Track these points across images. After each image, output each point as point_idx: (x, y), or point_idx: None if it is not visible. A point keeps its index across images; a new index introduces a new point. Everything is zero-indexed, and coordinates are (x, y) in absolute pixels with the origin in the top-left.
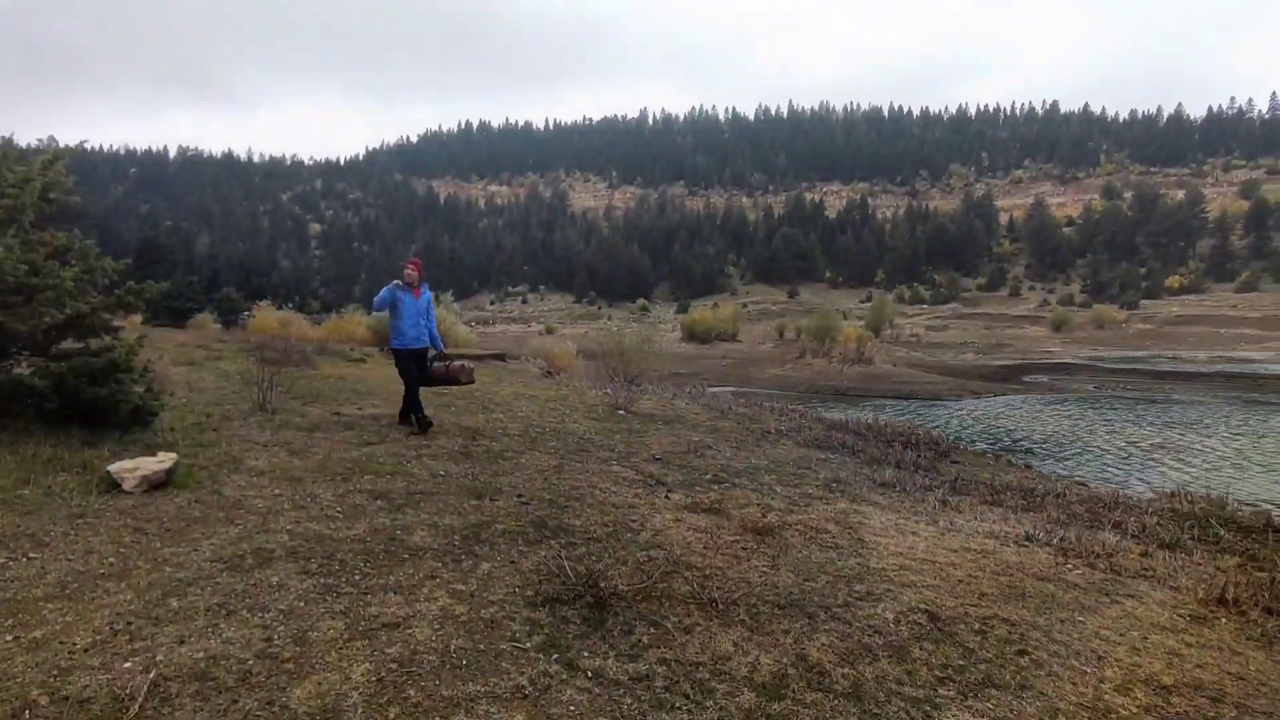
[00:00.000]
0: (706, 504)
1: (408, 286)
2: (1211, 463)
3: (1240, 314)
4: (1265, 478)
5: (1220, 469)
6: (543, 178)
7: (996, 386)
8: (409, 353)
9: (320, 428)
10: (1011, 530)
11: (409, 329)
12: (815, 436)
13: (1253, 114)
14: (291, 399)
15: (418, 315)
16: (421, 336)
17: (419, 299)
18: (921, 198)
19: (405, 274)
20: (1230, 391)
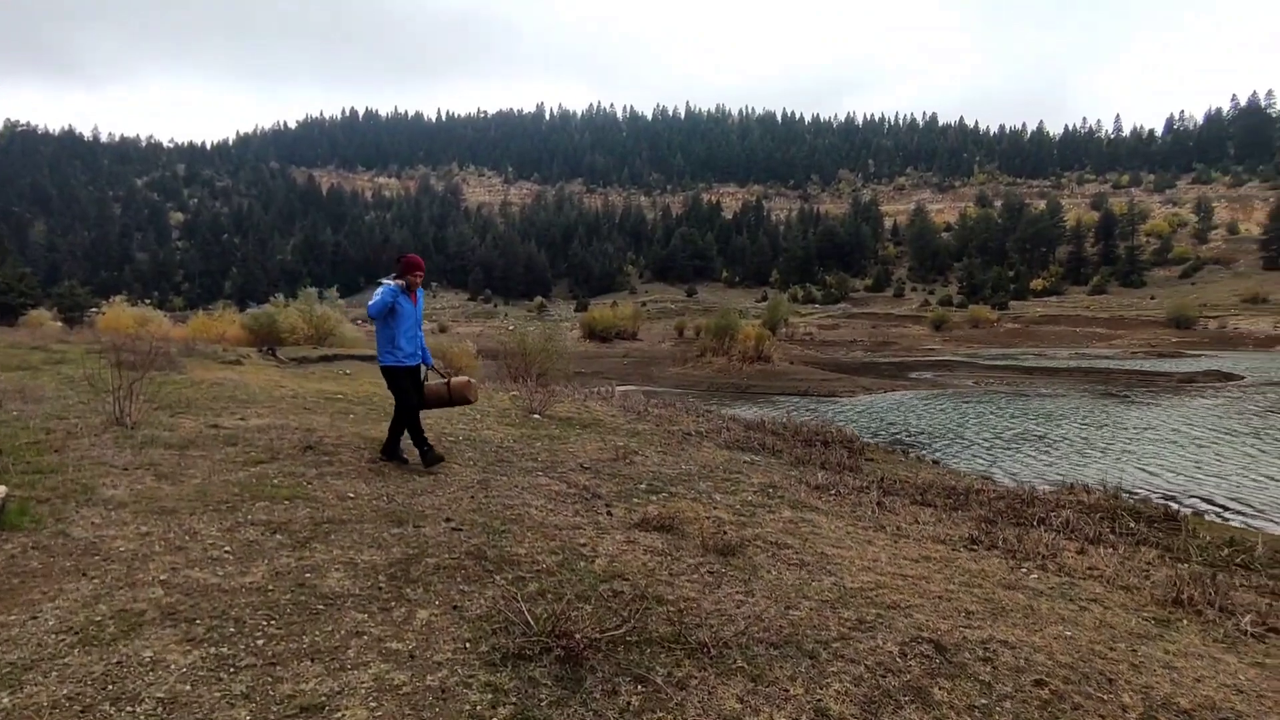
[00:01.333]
0: (656, 520)
1: (408, 290)
2: (1064, 452)
3: (1093, 314)
4: (1106, 461)
5: (1079, 455)
6: (434, 171)
7: (886, 383)
8: (405, 371)
9: (196, 444)
10: (954, 533)
11: (405, 342)
12: (736, 438)
13: (1101, 133)
14: (157, 409)
15: (415, 325)
16: (419, 351)
17: (417, 305)
18: (813, 201)
19: (410, 279)
20: (1085, 385)
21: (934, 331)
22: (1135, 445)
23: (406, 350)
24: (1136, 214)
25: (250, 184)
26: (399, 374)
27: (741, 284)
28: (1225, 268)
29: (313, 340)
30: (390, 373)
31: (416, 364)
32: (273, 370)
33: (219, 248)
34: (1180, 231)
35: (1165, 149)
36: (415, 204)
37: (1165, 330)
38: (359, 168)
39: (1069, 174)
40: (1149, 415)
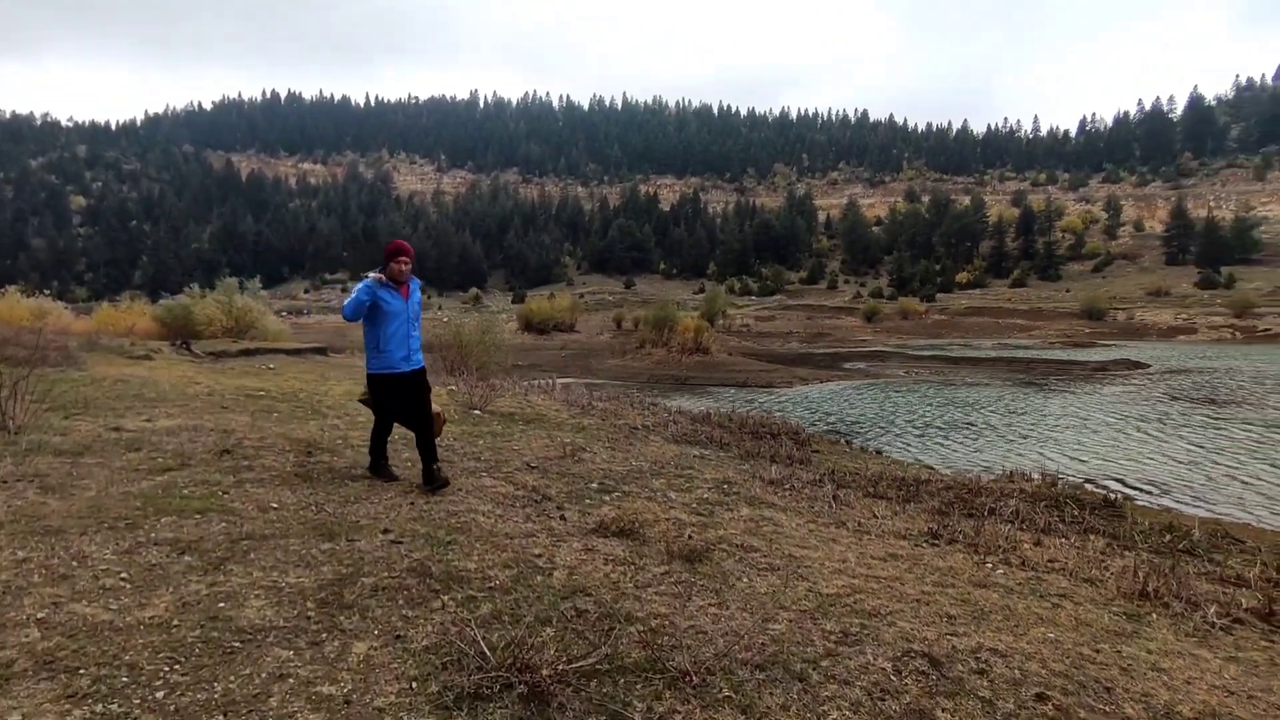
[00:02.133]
0: (614, 524)
1: (393, 284)
2: (993, 439)
3: (1013, 306)
4: (1033, 447)
5: (1006, 443)
6: (363, 157)
7: (822, 373)
8: (395, 379)
9: (92, 450)
10: (912, 527)
11: (394, 346)
12: (683, 432)
13: (1021, 133)
14: (48, 410)
15: (407, 325)
16: (413, 356)
17: (409, 301)
18: (749, 194)
19: (391, 267)
20: (1008, 374)
21: (866, 323)
22: (1058, 432)
23: (395, 355)
24: (1053, 211)
25: (161, 167)
26: (382, 383)
27: (679, 276)
28: (1132, 263)
29: (232, 334)
30: (373, 382)
31: (411, 371)
32: (187, 366)
33: (127, 235)
34: (1092, 228)
35: (1079, 149)
36: (343, 192)
37: (1079, 321)
38: (281, 153)
39: (991, 171)
40: (1067, 403)
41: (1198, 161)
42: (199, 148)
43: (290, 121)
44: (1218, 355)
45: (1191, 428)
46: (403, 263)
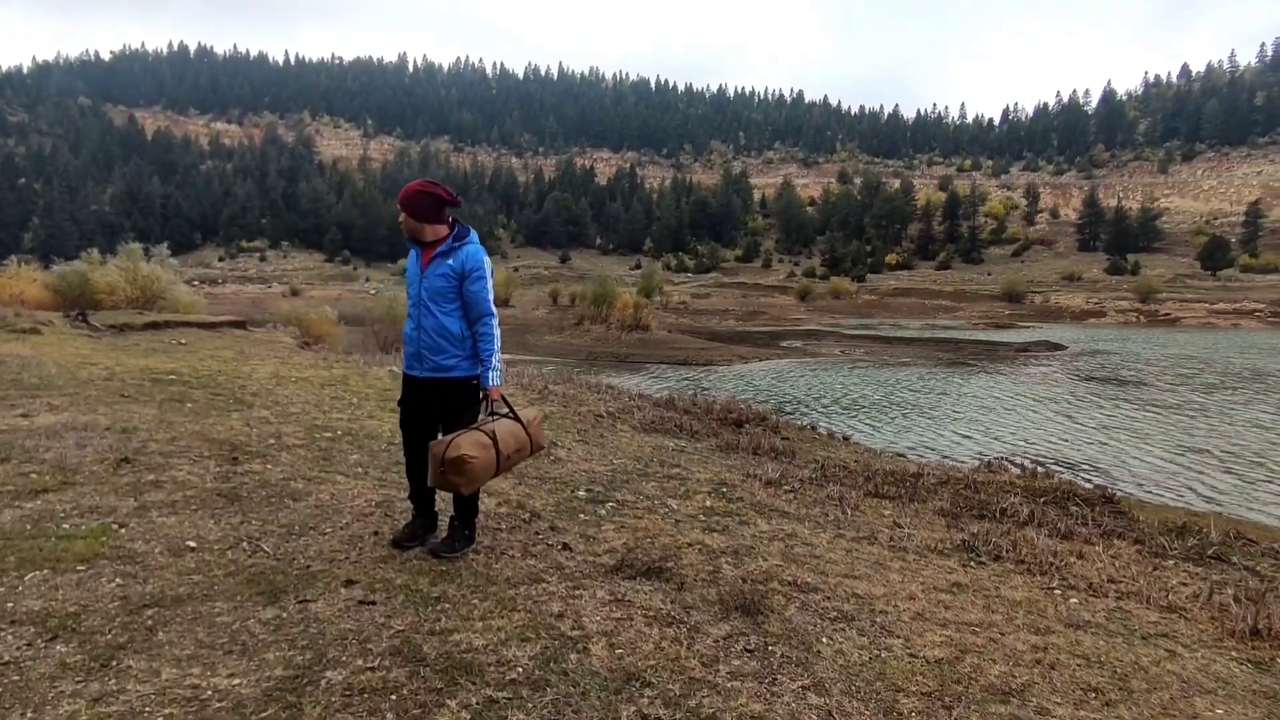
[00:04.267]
0: (634, 558)
1: (415, 243)
2: (941, 420)
3: (939, 288)
4: (982, 429)
5: (955, 424)
6: (283, 119)
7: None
8: (406, 385)
9: None
10: (940, 537)
11: (406, 325)
12: (651, 419)
13: (948, 119)
14: None
15: (418, 305)
16: (423, 355)
17: (428, 268)
18: (686, 171)
19: (400, 220)
20: (939, 354)
21: (799, 302)
22: (995, 413)
23: (406, 348)
24: (977, 196)
25: (54, 121)
26: (405, 386)
27: (615, 251)
28: (1048, 248)
29: (138, 305)
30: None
31: (419, 377)
32: (82, 341)
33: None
34: (1013, 214)
35: (1002, 137)
36: (261, 155)
37: (1000, 304)
38: (191, 111)
39: (920, 156)
40: (997, 383)
41: (1109, 153)
42: (97, 101)
43: (201, 78)
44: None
45: (1112, 406)
46: (410, 218)
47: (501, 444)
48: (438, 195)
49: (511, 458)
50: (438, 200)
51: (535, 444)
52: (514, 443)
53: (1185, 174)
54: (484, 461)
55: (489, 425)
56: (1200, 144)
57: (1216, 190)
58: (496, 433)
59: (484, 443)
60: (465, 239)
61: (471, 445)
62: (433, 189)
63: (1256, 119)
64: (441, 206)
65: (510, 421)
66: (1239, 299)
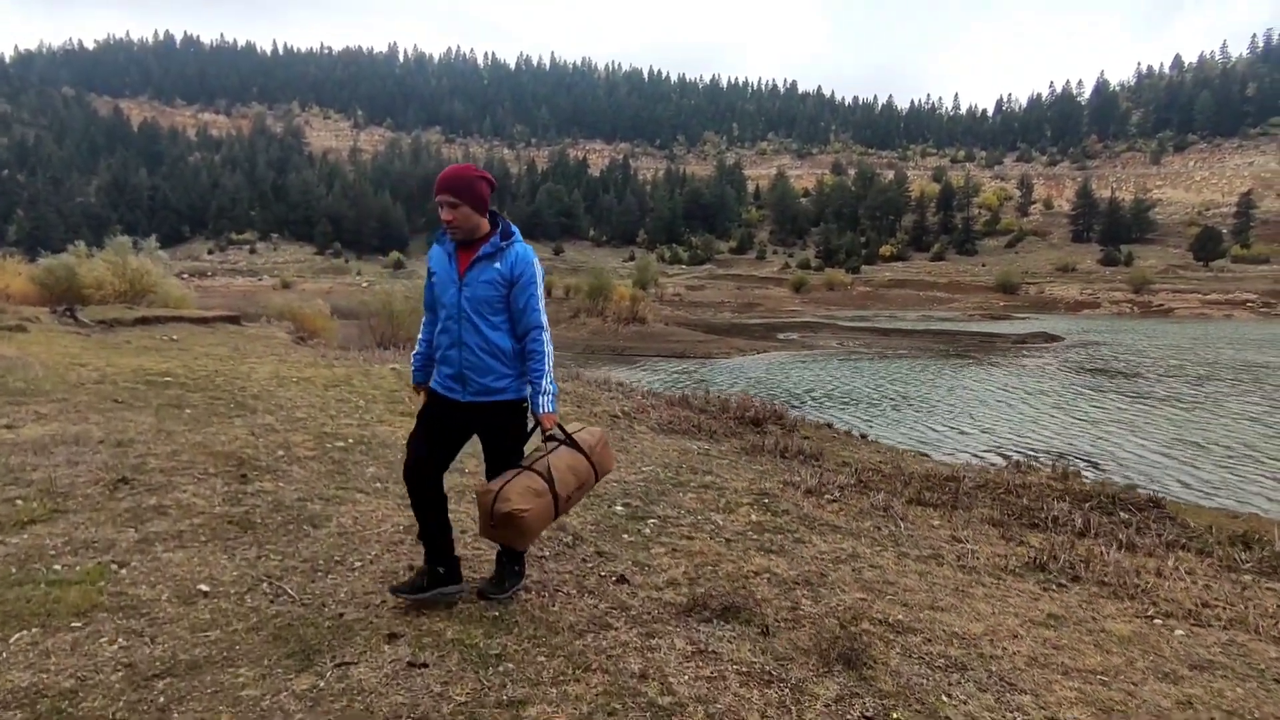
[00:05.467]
0: (710, 601)
1: (447, 239)
2: (950, 415)
3: (934, 279)
4: (989, 423)
5: (963, 418)
6: (271, 110)
7: (758, 344)
8: (441, 406)
9: None
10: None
11: (441, 348)
12: (667, 419)
13: (942, 110)
14: None
15: (457, 318)
16: (468, 377)
17: (470, 272)
18: (679, 162)
19: (448, 214)
20: (937, 346)
21: (794, 293)
22: (1002, 406)
23: (441, 366)
24: (971, 188)
25: (37, 111)
26: (426, 400)
27: (609, 243)
28: (1042, 239)
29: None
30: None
31: (467, 403)
32: (71, 339)
33: None
34: (1007, 205)
35: (995, 128)
36: (250, 146)
37: (994, 295)
38: (178, 101)
39: (914, 146)
40: (997, 376)
41: (1102, 144)
42: (81, 91)
43: (188, 68)
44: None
45: (1115, 399)
46: (442, 203)
47: (560, 483)
48: (491, 182)
49: (573, 497)
50: (490, 187)
51: (601, 470)
52: (574, 479)
53: (1178, 165)
54: (539, 511)
55: (541, 461)
56: (1192, 135)
57: (1209, 181)
58: (552, 471)
59: (537, 489)
60: (512, 238)
61: (523, 495)
62: (485, 173)
63: (1248, 110)
64: (489, 194)
65: (569, 451)
66: (1231, 289)
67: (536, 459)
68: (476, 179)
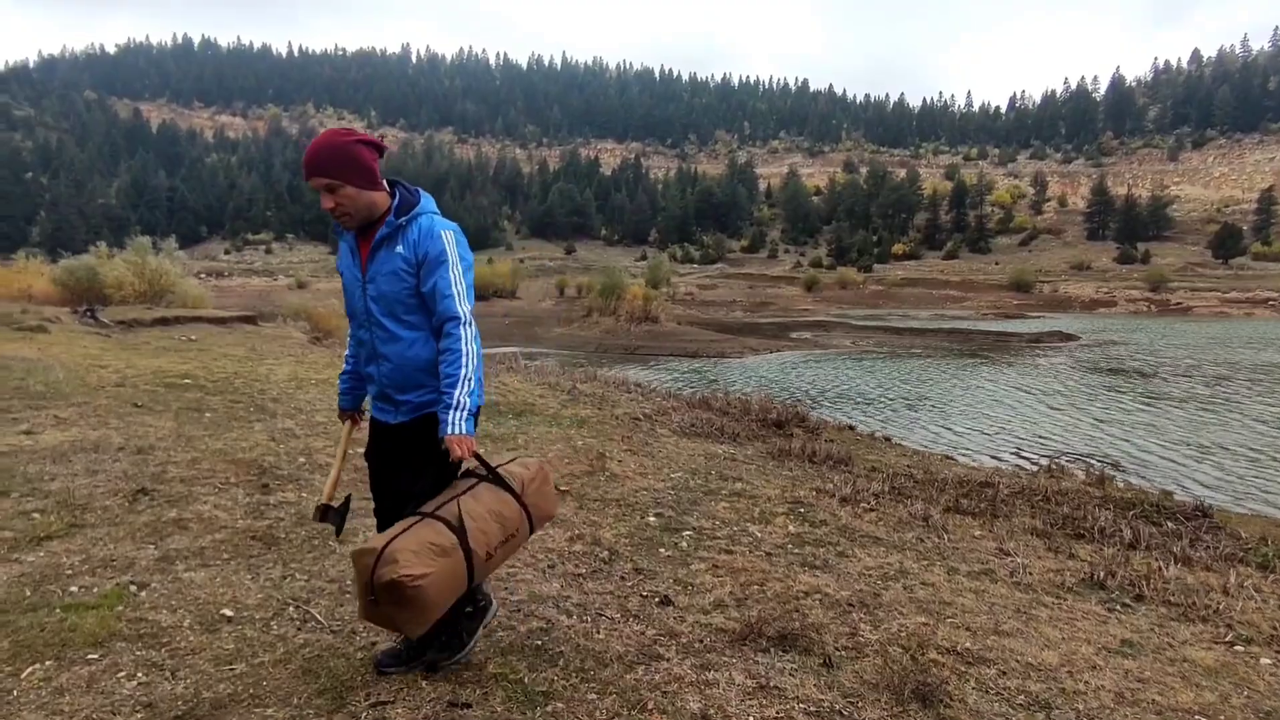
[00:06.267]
0: (764, 627)
1: (352, 229)
2: (965, 415)
3: (946, 278)
4: (1006, 424)
5: (977, 419)
6: (287, 112)
7: (771, 343)
8: (380, 431)
9: None
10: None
11: (359, 355)
12: (689, 421)
13: (954, 108)
14: None
15: (365, 321)
16: (386, 391)
17: (371, 264)
18: (691, 161)
19: (329, 200)
20: (951, 345)
21: (806, 292)
22: (1021, 406)
23: (370, 387)
24: (984, 185)
25: (59, 114)
26: (370, 434)
27: (621, 242)
28: (1056, 237)
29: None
30: None
31: (382, 424)
32: (91, 340)
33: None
34: (1020, 203)
35: (1009, 125)
36: (266, 147)
37: (1008, 293)
38: (196, 103)
39: (926, 144)
40: (1012, 375)
41: (1118, 140)
42: (102, 94)
43: (205, 70)
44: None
45: (1133, 399)
46: (318, 189)
47: (476, 535)
48: (375, 144)
49: (496, 555)
50: (377, 151)
51: (538, 517)
52: (498, 529)
53: (1196, 161)
54: (443, 576)
55: (449, 506)
56: (1211, 130)
57: (1228, 177)
58: (465, 517)
59: (441, 544)
60: (415, 210)
61: (419, 554)
62: (366, 135)
63: (1269, 105)
64: (378, 161)
65: (491, 491)
66: (1251, 288)
67: (443, 502)
68: (352, 144)
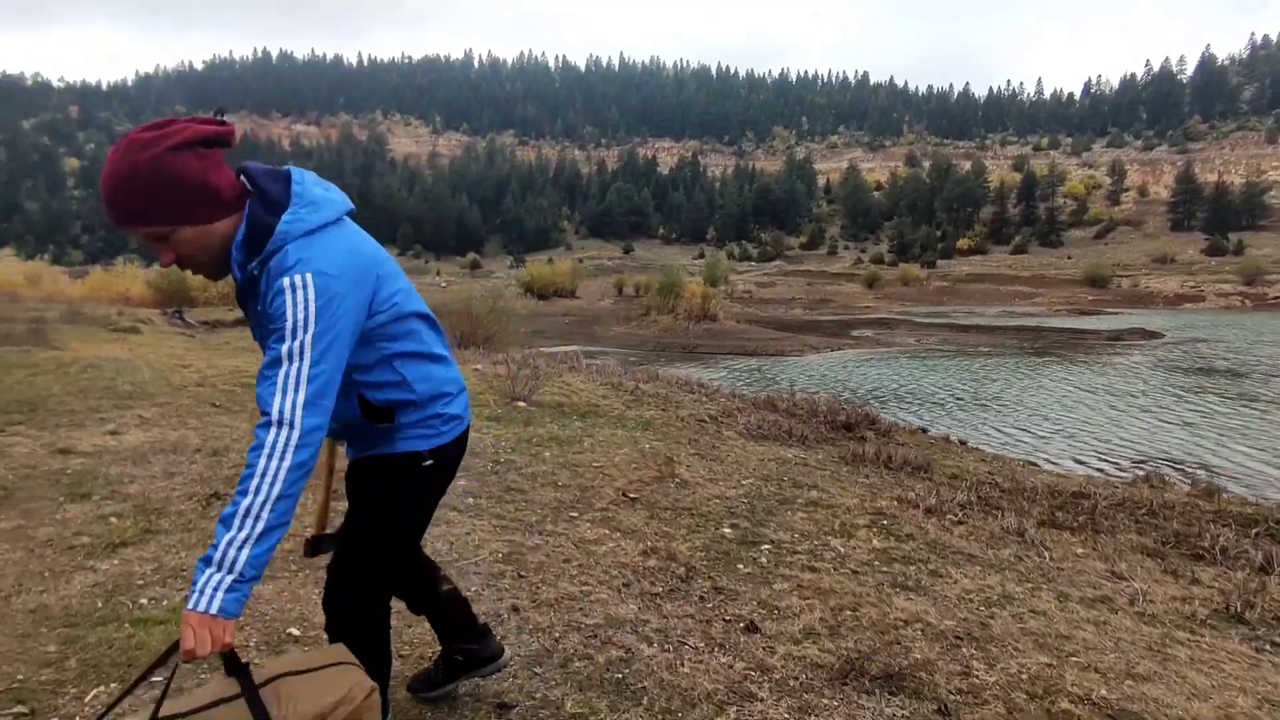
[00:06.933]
0: (867, 663)
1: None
2: (1044, 416)
3: (1015, 273)
4: (1092, 427)
5: (1059, 421)
6: (357, 119)
7: (831, 341)
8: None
9: (15, 498)
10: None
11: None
12: (754, 423)
13: (1023, 96)
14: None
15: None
16: (352, 435)
17: (251, 318)
18: (748, 158)
19: (164, 252)
20: (1021, 343)
21: (867, 289)
22: (1104, 408)
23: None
24: (1056, 176)
25: None
26: None
27: (678, 241)
28: (1136, 229)
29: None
30: None
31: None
32: (177, 340)
33: None
34: (1095, 194)
35: (1083, 113)
36: (337, 154)
37: (1082, 289)
38: (274, 113)
39: (993, 135)
40: (1094, 375)
41: (1207, 124)
42: (191, 108)
43: (282, 81)
44: (1230, 324)
45: (1228, 403)
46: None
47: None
48: (204, 135)
49: None
50: (211, 144)
51: None
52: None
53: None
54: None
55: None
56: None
57: None
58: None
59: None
60: (269, 237)
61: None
62: (179, 129)
63: None
64: (216, 160)
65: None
66: None
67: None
68: (163, 159)
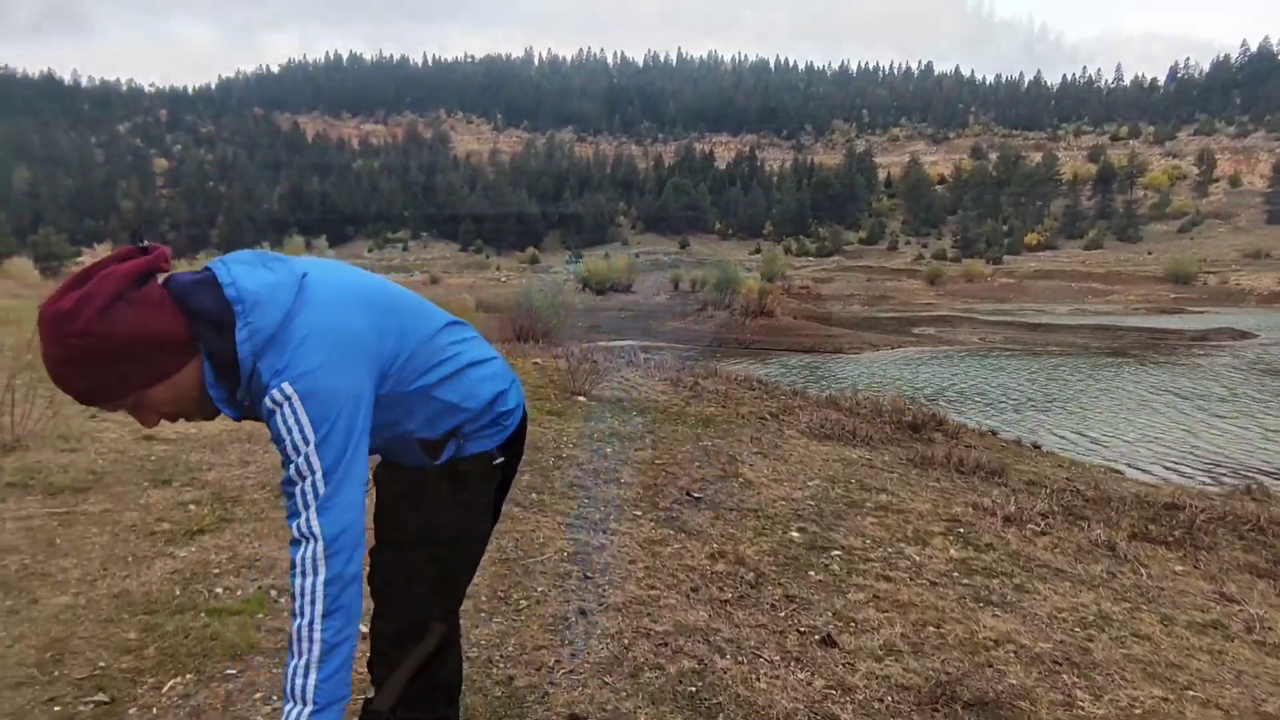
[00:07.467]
0: (957, 687)
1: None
2: (1127, 419)
3: (1088, 269)
4: (1161, 429)
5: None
6: (422, 118)
7: (891, 339)
8: None
9: (104, 482)
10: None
11: None
12: (817, 422)
13: (1101, 83)
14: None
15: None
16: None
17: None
18: (807, 152)
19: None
20: (1095, 342)
21: (929, 286)
22: (1186, 414)
23: None
24: (1135, 167)
25: (234, 130)
26: None
27: (735, 236)
28: (1225, 222)
29: None
30: None
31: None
32: None
33: (204, 196)
34: (1180, 184)
35: (1167, 99)
36: (403, 152)
37: (1163, 286)
38: (344, 114)
39: (1066, 125)
40: (1179, 378)
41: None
42: (268, 110)
43: (352, 83)
44: None
45: None
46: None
47: None
48: (127, 273)
49: None
50: (140, 279)
51: None
52: None
53: None
54: None
55: None
56: None
57: None
58: None
59: None
60: (228, 334)
61: None
62: (100, 276)
63: None
64: (157, 301)
65: None
66: None
67: None
68: (94, 324)
